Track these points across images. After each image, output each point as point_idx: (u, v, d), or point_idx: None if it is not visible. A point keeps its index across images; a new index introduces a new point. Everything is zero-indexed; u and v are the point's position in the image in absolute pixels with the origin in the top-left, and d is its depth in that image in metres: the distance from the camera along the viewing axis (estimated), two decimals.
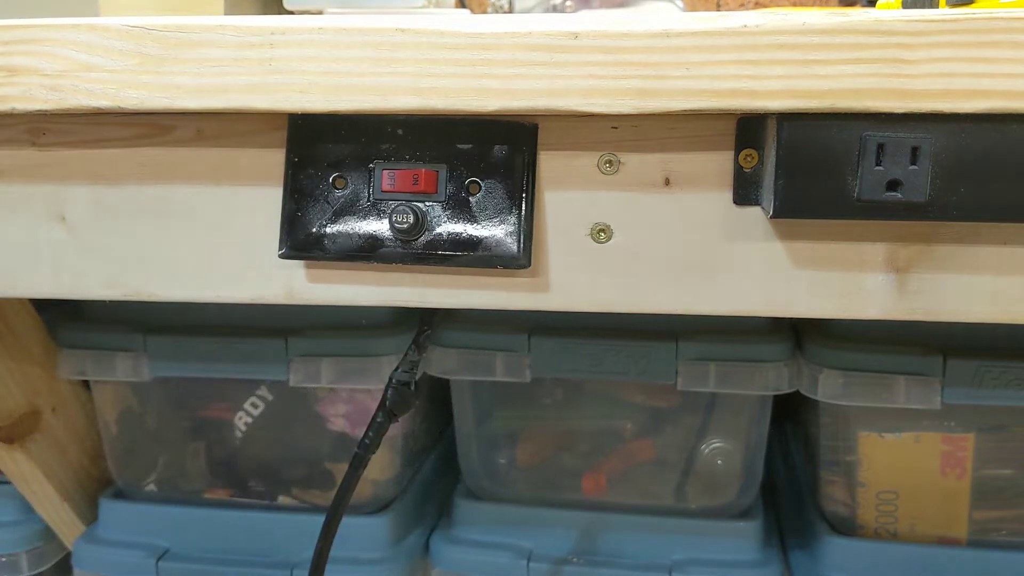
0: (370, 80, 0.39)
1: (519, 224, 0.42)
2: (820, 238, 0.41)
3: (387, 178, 0.42)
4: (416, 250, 0.42)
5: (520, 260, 0.42)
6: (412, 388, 0.56)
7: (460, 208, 0.42)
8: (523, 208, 0.42)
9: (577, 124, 0.41)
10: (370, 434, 0.55)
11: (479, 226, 0.42)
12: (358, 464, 0.55)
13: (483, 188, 0.42)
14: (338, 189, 0.43)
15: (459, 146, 0.42)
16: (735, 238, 0.41)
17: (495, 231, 0.42)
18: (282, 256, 0.43)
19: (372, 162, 0.42)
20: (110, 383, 0.71)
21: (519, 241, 0.42)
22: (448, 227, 0.42)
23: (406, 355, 0.56)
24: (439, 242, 0.42)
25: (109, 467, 0.73)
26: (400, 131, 0.42)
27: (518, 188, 0.42)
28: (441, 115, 0.40)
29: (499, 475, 0.71)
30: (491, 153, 0.42)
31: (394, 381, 0.55)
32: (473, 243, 0.42)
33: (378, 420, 0.55)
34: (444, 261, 0.42)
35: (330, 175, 0.43)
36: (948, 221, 0.39)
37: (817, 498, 0.68)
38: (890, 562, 0.63)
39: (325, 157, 0.43)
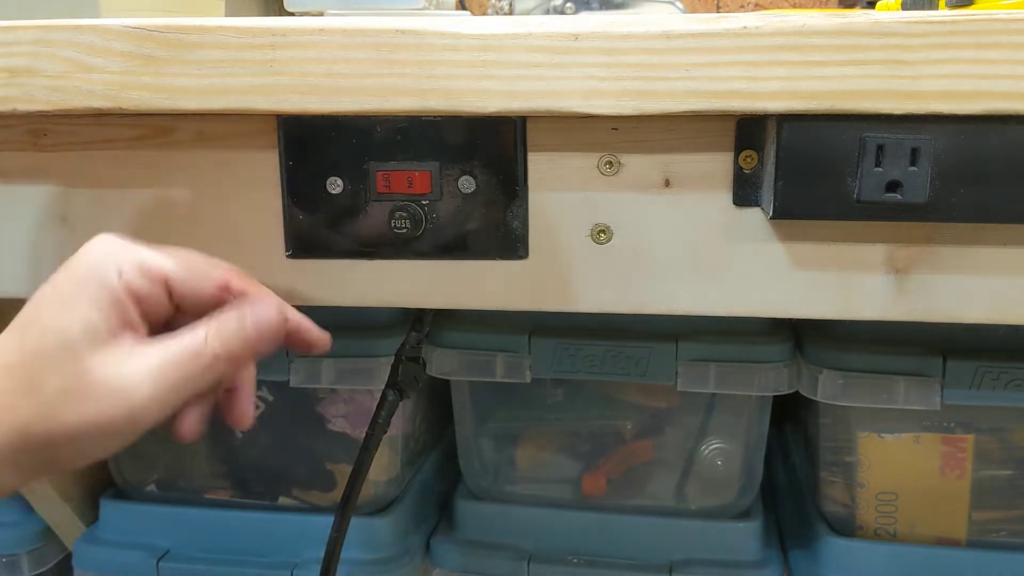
0: (371, 81, 0.39)
1: (515, 215, 0.42)
2: (820, 239, 0.41)
3: (382, 180, 0.42)
4: (416, 249, 0.42)
5: (519, 251, 0.42)
6: (421, 363, 0.56)
7: (456, 205, 0.42)
8: (517, 199, 0.42)
9: (577, 125, 0.41)
10: (382, 413, 0.55)
11: (476, 221, 0.42)
12: (370, 444, 0.55)
13: (477, 183, 0.42)
14: (335, 191, 0.43)
15: (451, 144, 0.42)
16: (735, 239, 0.42)
17: (492, 224, 0.42)
18: (290, 257, 0.43)
19: (366, 164, 0.42)
20: None
21: (516, 231, 0.42)
22: (446, 224, 0.42)
23: (410, 333, 0.56)
24: (438, 240, 0.42)
25: (109, 467, 0.73)
26: (392, 131, 0.42)
27: (511, 180, 0.42)
28: (433, 115, 0.40)
29: (499, 475, 0.71)
30: (482, 150, 0.42)
31: (403, 357, 0.55)
32: (471, 237, 0.42)
33: (388, 398, 0.55)
34: (444, 256, 0.43)
35: (326, 178, 0.43)
36: (947, 222, 0.39)
37: (817, 498, 0.68)
38: (889, 562, 0.63)
39: (319, 160, 0.43)
